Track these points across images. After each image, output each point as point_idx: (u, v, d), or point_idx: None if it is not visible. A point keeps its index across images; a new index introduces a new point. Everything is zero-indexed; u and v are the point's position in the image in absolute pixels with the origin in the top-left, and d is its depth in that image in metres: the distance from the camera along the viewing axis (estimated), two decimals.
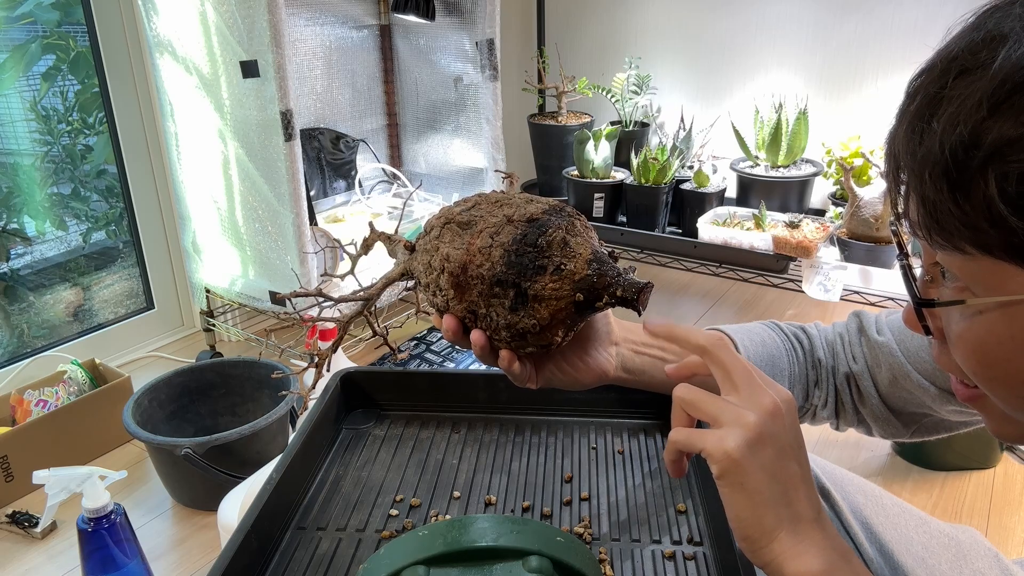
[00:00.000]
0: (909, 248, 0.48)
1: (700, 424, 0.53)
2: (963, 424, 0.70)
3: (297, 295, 0.64)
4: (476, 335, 0.57)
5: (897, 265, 0.48)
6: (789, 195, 2.11)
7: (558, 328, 0.56)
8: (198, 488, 1.46)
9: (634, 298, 0.54)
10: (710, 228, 2.01)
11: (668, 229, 2.23)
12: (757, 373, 0.50)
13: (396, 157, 2.50)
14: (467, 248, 0.56)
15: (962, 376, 0.45)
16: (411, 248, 0.62)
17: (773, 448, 0.46)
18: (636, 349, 0.68)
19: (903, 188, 0.41)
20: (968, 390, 0.46)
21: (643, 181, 2.15)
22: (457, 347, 2.10)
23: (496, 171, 2.14)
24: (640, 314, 0.55)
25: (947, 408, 0.67)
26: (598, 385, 0.66)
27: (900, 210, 0.43)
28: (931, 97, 0.39)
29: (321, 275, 1.77)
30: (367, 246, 0.68)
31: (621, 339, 0.67)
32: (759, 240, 1.94)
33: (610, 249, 0.58)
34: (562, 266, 0.54)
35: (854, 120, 2.21)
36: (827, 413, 0.73)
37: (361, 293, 0.64)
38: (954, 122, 0.36)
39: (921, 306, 0.43)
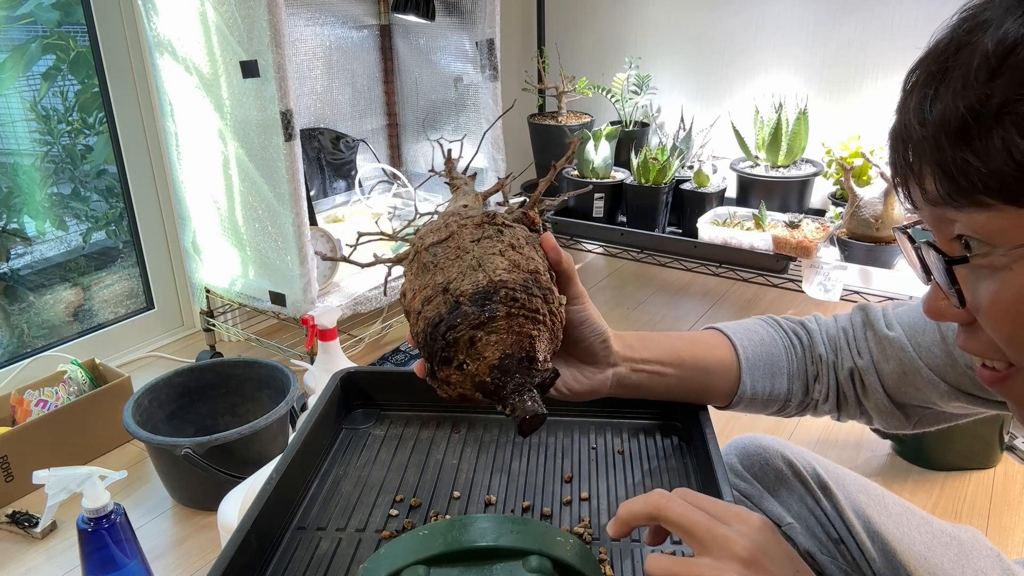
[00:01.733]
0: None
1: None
2: (963, 417, 0.70)
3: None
4: (420, 365, 0.58)
5: (912, 255, 0.48)
6: (789, 195, 2.11)
7: (472, 401, 0.55)
8: (198, 488, 1.46)
9: (518, 424, 0.52)
10: (710, 228, 2.01)
11: (668, 229, 2.23)
12: (718, 510, 0.47)
13: (396, 157, 2.50)
14: (412, 299, 0.55)
15: (993, 355, 0.45)
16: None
17: None
18: (634, 367, 0.67)
19: (914, 171, 0.42)
20: (996, 373, 0.45)
21: (643, 181, 2.15)
22: None
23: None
24: (522, 436, 0.53)
25: (952, 404, 0.67)
26: (593, 399, 0.66)
27: (912, 197, 0.44)
28: (934, 72, 0.41)
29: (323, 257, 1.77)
30: (448, 172, 0.69)
31: (620, 359, 0.66)
32: (759, 240, 1.94)
33: (534, 355, 0.53)
34: (464, 365, 0.52)
35: (854, 120, 2.21)
36: (828, 407, 0.73)
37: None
38: (965, 81, 0.38)
39: (953, 264, 0.43)
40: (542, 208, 0.64)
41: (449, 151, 0.71)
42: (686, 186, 2.15)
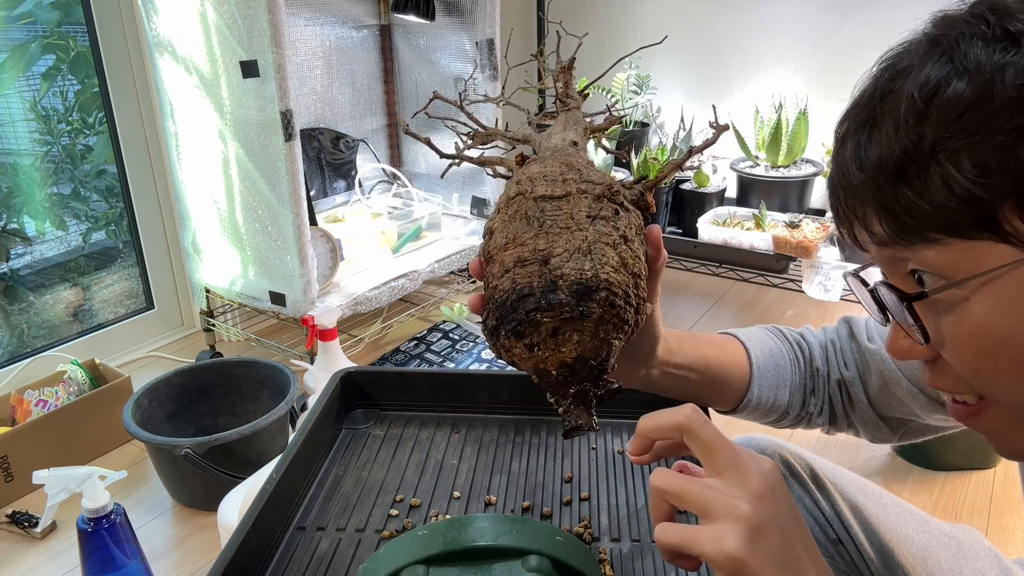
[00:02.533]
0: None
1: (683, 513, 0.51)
2: (949, 428, 0.70)
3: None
4: (474, 299, 0.55)
5: (867, 297, 0.48)
6: (789, 195, 2.11)
7: (522, 370, 0.52)
8: (198, 488, 1.46)
9: (565, 430, 0.51)
10: (710, 228, 2.01)
11: (668, 229, 2.23)
12: (739, 449, 0.47)
13: (396, 157, 2.50)
14: (502, 247, 0.51)
15: (962, 389, 0.45)
16: (520, 163, 0.58)
17: (775, 535, 0.43)
18: (666, 370, 0.66)
19: (857, 216, 0.44)
20: (968, 408, 0.45)
21: None
22: (457, 347, 2.10)
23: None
24: (565, 438, 0.52)
25: (934, 416, 0.67)
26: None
27: (859, 239, 0.45)
28: (864, 120, 0.43)
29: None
30: (557, 79, 0.66)
31: (659, 363, 0.65)
32: (759, 240, 1.94)
33: (606, 366, 0.50)
34: (535, 348, 0.49)
35: None
36: (822, 420, 0.73)
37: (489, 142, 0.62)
38: (896, 125, 0.41)
39: (913, 300, 0.43)
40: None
41: (572, 59, 0.68)
42: (686, 186, 2.15)
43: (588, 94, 0.67)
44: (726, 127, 0.59)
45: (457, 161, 0.63)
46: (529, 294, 0.48)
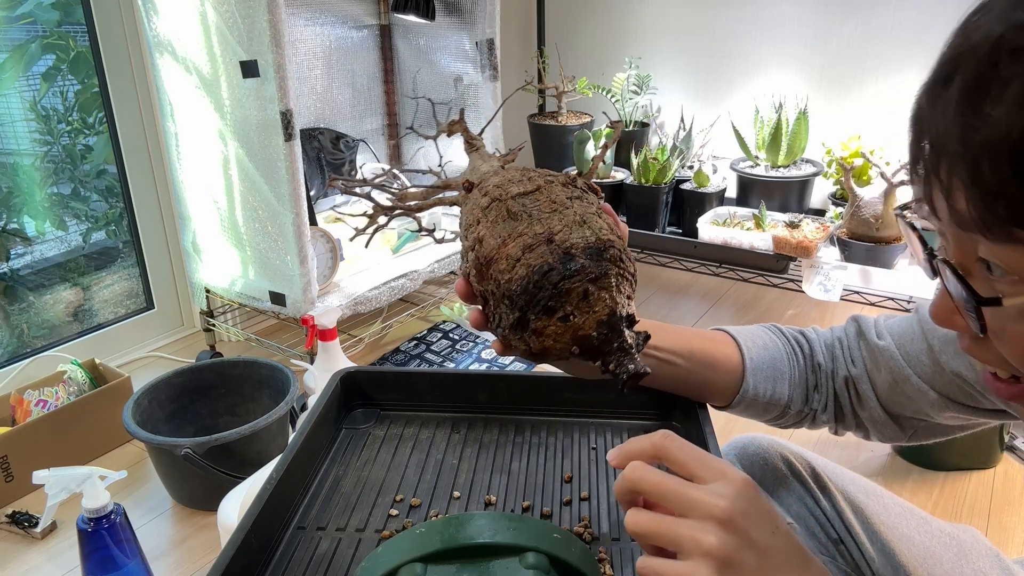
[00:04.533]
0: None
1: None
2: (959, 429, 0.70)
3: (348, 186, 0.64)
4: (475, 317, 0.57)
5: (926, 265, 0.44)
6: (789, 195, 2.11)
7: (549, 358, 0.55)
8: (198, 488, 1.46)
9: (622, 381, 0.52)
10: (710, 228, 2.01)
11: (668, 229, 2.23)
12: (698, 468, 0.46)
13: (396, 157, 2.50)
14: (500, 246, 0.53)
15: (1002, 367, 0.43)
16: (468, 188, 0.60)
17: (749, 558, 0.42)
18: (646, 352, 0.67)
19: (943, 184, 0.38)
20: (1010, 387, 0.43)
21: (643, 181, 2.15)
22: (457, 347, 2.10)
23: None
24: (623, 392, 0.53)
25: (944, 414, 0.67)
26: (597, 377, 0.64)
27: (936, 209, 0.40)
28: (978, 79, 0.35)
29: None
30: (451, 131, 0.68)
31: None
32: (759, 240, 1.94)
33: (633, 316, 0.53)
34: (571, 316, 0.51)
35: (854, 120, 2.21)
36: (827, 417, 0.73)
37: (412, 203, 0.63)
38: (1020, 104, 0.33)
39: (984, 305, 0.39)
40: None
41: (461, 110, 0.70)
42: (686, 186, 2.15)
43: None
44: (621, 122, 0.62)
45: (379, 226, 0.66)
46: (550, 269, 0.51)
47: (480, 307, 0.57)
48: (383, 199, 0.68)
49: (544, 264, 0.51)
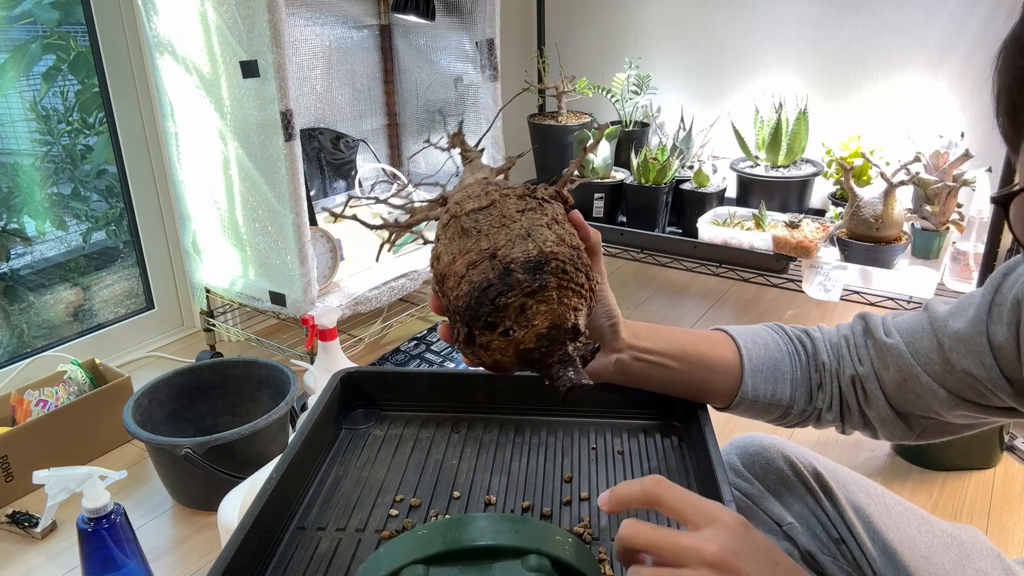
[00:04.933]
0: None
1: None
2: (968, 427, 0.70)
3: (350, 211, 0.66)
4: (443, 330, 0.58)
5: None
6: (789, 195, 2.11)
7: (504, 371, 0.55)
8: (198, 488, 1.46)
9: (561, 393, 0.52)
10: (710, 228, 2.01)
11: (668, 229, 2.23)
12: (690, 514, 0.46)
13: (396, 157, 2.50)
14: (451, 262, 0.55)
15: None
16: (443, 203, 0.62)
17: None
18: (637, 355, 0.67)
19: None
20: None
21: (643, 181, 2.15)
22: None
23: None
24: (564, 404, 0.53)
25: (954, 413, 0.66)
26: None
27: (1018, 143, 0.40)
28: None
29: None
30: (451, 145, 0.70)
31: (625, 346, 0.67)
32: (759, 240, 1.94)
33: (579, 327, 0.53)
34: (511, 331, 0.52)
35: (854, 120, 2.21)
36: (832, 416, 0.72)
37: (404, 219, 0.65)
38: None
39: None
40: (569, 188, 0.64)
41: (460, 122, 0.71)
42: (686, 186, 2.15)
43: (484, 148, 0.70)
44: (607, 125, 0.62)
45: (390, 240, 0.69)
46: (489, 285, 0.51)
47: (448, 320, 0.58)
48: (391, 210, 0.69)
49: (484, 280, 0.52)
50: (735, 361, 0.70)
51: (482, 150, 0.72)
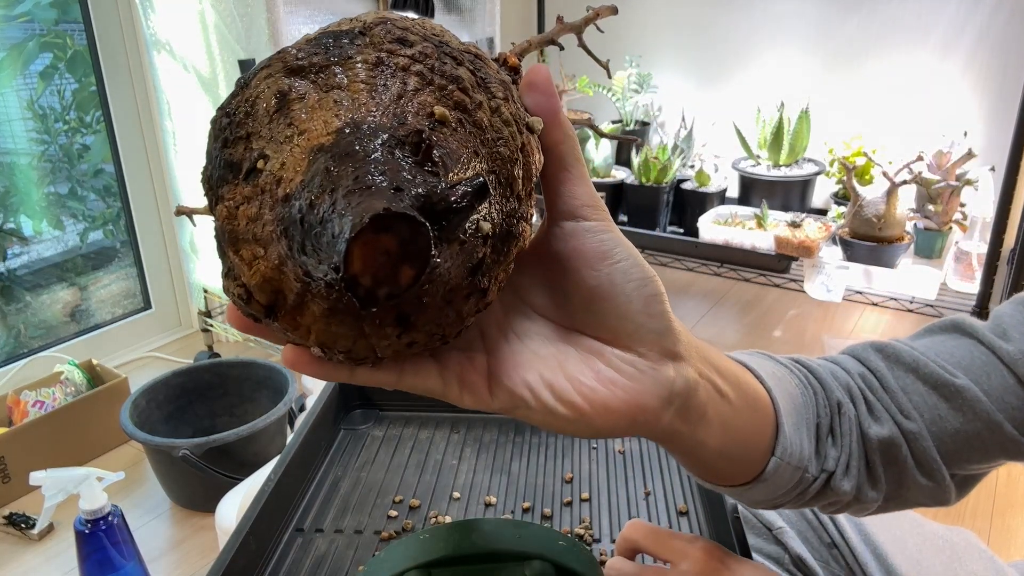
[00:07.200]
0: None
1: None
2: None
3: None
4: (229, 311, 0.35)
5: None
6: (791, 194, 2.10)
7: (283, 289, 0.29)
8: (196, 489, 1.45)
9: (350, 285, 0.25)
10: (711, 228, 2.01)
11: (669, 229, 2.22)
12: (665, 551, 0.48)
13: None
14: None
15: None
16: None
17: None
18: (703, 372, 0.39)
19: None
20: None
21: (644, 180, 2.14)
22: None
23: None
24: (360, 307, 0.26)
25: (999, 460, 0.53)
26: (629, 434, 0.37)
27: None
28: None
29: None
30: None
31: (687, 350, 0.37)
32: (761, 240, 1.93)
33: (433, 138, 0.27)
34: (254, 168, 0.27)
35: (856, 119, 2.20)
36: (849, 484, 0.48)
37: None
38: None
39: None
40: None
41: None
42: (687, 185, 2.15)
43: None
44: (590, 118, 0.58)
45: None
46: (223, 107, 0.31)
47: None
48: None
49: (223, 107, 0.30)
50: (764, 394, 0.45)
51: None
